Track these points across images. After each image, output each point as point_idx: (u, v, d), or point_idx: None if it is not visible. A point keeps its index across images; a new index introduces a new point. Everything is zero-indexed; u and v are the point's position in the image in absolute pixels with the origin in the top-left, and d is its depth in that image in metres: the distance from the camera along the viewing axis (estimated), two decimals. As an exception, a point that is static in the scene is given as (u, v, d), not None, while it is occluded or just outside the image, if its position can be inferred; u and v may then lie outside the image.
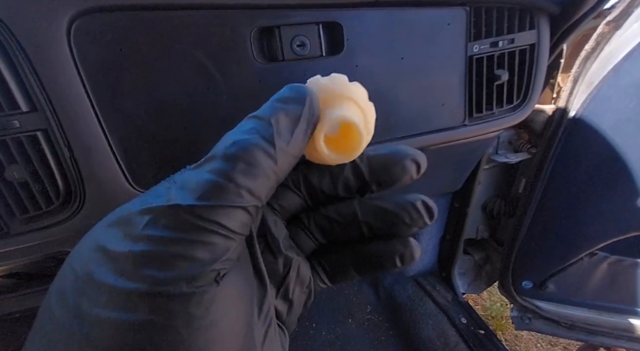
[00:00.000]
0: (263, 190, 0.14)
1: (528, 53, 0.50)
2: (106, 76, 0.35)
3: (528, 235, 0.85)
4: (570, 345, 1.21)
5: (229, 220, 0.13)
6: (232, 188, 0.13)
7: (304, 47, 0.42)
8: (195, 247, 0.12)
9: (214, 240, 0.13)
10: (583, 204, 0.74)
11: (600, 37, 0.63)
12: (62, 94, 0.34)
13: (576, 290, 0.86)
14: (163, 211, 0.13)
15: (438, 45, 0.47)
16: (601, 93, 0.65)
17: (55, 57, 0.33)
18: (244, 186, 0.13)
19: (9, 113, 0.33)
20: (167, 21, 0.36)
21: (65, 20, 0.32)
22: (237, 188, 0.13)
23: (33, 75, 0.33)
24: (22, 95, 0.33)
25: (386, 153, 0.18)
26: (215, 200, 0.13)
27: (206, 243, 0.12)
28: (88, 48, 0.34)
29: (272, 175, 0.14)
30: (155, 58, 0.37)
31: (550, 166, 0.75)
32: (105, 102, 0.35)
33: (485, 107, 0.52)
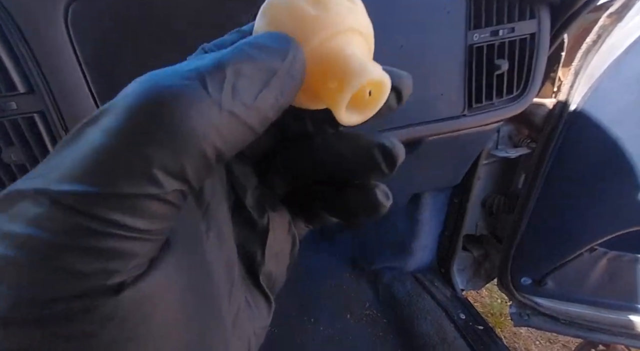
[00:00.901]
0: (193, 168, 0.09)
1: (528, 42, 0.49)
2: (103, 58, 0.35)
3: (527, 231, 0.85)
4: (569, 343, 1.21)
5: (134, 216, 0.09)
6: (138, 165, 0.09)
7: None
8: (80, 258, 0.08)
9: (111, 246, 0.09)
10: (583, 199, 0.74)
11: (601, 30, 0.63)
12: (59, 76, 0.34)
13: (575, 286, 0.86)
14: (35, 198, 0.09)
15: (437, 33, 0.46)
16: (602, 86, 0.65)
17: (52, 40, 0.33)
18: (159, 162, 0.09)
19: (6, 95, 0.33)
20: (164, 5, 0.36)
21: (62, 2, 0.32)
22: (147, 165, 0.09)
23: (30, 57, 0.33)
24: (19, 77, 0.33)
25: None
26: (106, 186, 0.08)
27: (98, 251, 0.08)
28: (85, 30, 0.34)
29: (210, 149, 0.09)
30: (151, 41, 0.36)
31: (550, 161, 0.74)
32: (102, 84, 0.35)
33: (485, 97, 0.51)
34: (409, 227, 1.00)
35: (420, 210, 0.96)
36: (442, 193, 0.94)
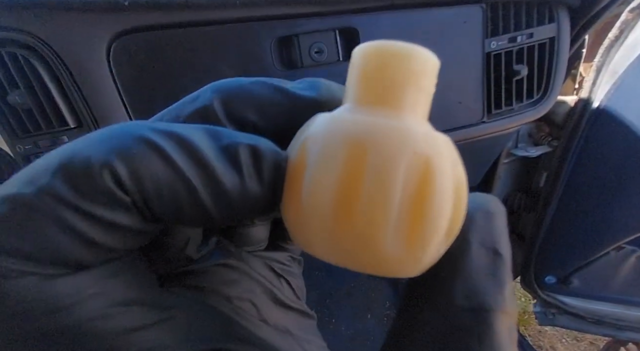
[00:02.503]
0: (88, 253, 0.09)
1: (548, 47, 0.49)
2: (141, 91, 0.38)
3: (550, 230, 0.84)
4: (597, 340, 1.18)
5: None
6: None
7: (322, 54, 0.44)
8: None
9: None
10: (609, 197, 0.72)
11: (624, 25, 0.61)
12: (104, 110, 0.37)
13: (602, 284, 0.84)
14: None
15: (454, 43, 0.47)
16: (626, 82, 0.64)
17: (97, 77, 0.36)
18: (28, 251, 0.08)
19: (59, 130, 0.36)
20: (192, 36, 0.39)
21: (105, 42, 0.35)
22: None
23: (78, 94, 0.36)
24: (69, 112, 0.36)
25: None
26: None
27: None
28: (125, 66, 0.37)
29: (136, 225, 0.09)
30: (183, 72, 0.39)
31: (573, 159, 0.73)
32: (141, 115, 0.38)
33: (505, 103, 0.51)
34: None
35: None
36: (462, 193, 0.93)
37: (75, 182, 0.09)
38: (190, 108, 0.11)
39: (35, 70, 0.35)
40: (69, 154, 0.09)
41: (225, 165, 0.09)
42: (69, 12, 0.34)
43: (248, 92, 0.12)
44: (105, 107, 0.37)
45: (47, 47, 0.34)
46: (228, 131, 0.10)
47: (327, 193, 0.09)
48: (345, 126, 0.09)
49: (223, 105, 0.11)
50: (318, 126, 0.10)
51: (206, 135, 0.10)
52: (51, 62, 0.35)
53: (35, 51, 0.34)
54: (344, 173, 0.09)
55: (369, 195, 0.09)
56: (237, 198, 0.10)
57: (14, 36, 0.33)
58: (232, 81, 0.12)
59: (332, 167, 0.09)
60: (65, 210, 0.09)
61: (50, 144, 0.37)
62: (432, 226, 0.09)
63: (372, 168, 0.09)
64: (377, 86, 0.09)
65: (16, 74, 0.34)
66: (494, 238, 0.11)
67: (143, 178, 0.09)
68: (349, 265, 0.09)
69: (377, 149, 0.09)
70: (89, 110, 0.36)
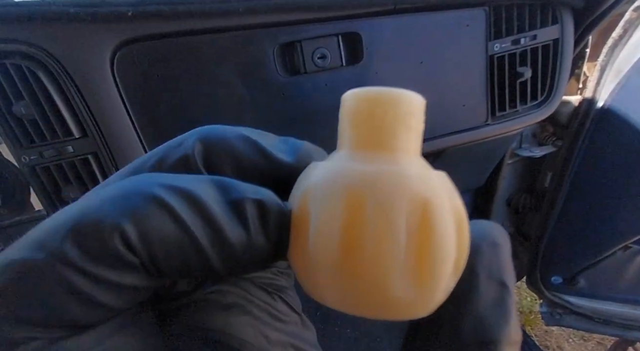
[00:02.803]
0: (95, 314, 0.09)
1: (551, 48, 0.49)
2: (145, 100, 0.38)
3: (556, 230, 0.83)
4: (604, 340, 1.18)
5: None
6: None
7: (325, 59, 0.44)
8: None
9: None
10: (614, 197, 0.72)
11: (628, 24, 0.61)
12: (108, 119, 0.37)
13: (609, 284, 0.84)
14: None
15: (457, 46, 0.47)
16: (631, 82, 0.63)
17: (101, 86, 0.36)
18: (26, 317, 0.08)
19: (64, 140, 0.36)
20: (195, 45, 0.39)
21: (109, 52, 0.35)
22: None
23: (82, 104, 0.36)
24: (74, 123, 0.36)
25: None
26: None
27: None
28: (129, 75, 0.37)
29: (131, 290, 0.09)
30: (186, 79, 0.39)
31: (578, 159, 0.73)
32: (146, 124, 0.38)
33: (509, 105, 0.51)
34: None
35: (444, 212, 0.96)
36: (466, 195, 0.93)
37: (85, 246, 0.09)
38: (174, 156, 0.12)
39: (39, 81, 0.35)
40: (80, 216, 0.09)
41: (232, 221, 0.10)
42: (73, 23, 0.34)
43: (230, 148, 0.12)
44: (110, 116, 0.37)
45: (51, 58, 0.34)
46: (235, 183, 0.10)
47: (332, 244, 0.09)
48: (344, 175, 0.09)
49: (203, 157, 0.12)
50: (318, 176, 0.10)
51: (214, 189, 0.10)
52: (55, 73, 0.35)
53: (39, 62, 0.34)
54: (346, 222, 0.09)
55: (374, 243, 0.09)
56: (243, 253, 0.10)
57: (19, 48, 0.33)
58: (216, 131, 0.12)
59: (334, 217, 0.09)
60: (74, 274, 0.09)
61: (55, 154, 0.37)
62: (439, 265, 0.09)
63: (373, 215, 0.09)
64: (370, 131, 0.10)
65: (21, 85, 0.35)
66: (501, 270, 0.11)
67: (152, 239, 0.09)
68: (360, 312, 0.09)
69: (376, 197, 0.09)
70: (93, 120, 0.36)
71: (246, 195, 0.10)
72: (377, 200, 0.09)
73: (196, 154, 0.11)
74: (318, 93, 0.45)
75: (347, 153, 0.10)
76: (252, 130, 0.13)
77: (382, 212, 0.09)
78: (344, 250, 0.09)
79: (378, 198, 0.09)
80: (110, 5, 0.33)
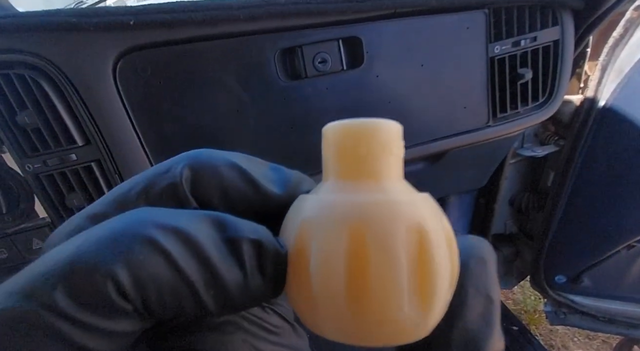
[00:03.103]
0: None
1: (552, 50, 0.49)
2: (147, 107, 0.38)
3: (560, 229, 0.83)
4: (609, 339, 1.17)
5: None
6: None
7: (326, 63, 0.44)
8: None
9: None
10: (618, 196, 0.72)
11: (629, 23, 0.61)
12: (111, 127, 0.37)
13: (614, 283, 0.84)
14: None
15: (457, 49, 0.47)
16: (632, 81, 0.63)
17: (103, 94, 0.36)
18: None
19: (67, 148, 0.37)
20: (197, 51, 0.39)
21: (111, 60, 0.36)
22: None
23: (85, 112, 0.36)
24: (77, 131, 0.37)
25: None
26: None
27: None
28: (131, 83, 0.37)
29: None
30: (188, 86, 0.39)
31: (581, 158, 0.73)
32: (148, 131, 0.39)
33: (510, 107, 0.51)
34: (435, 229, 0.99)
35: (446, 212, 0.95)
36: (468, 195, 0.93)
37: (77, 295, 0.08)
38: (161, 183, 0.11)
39: (42, 90, 0.35)
40: (71, 261, 0.09)
41: (228, 262, 0.09)
42: (75, 32, 0.34)
43: (218, 176, 0.12)
44: (113, 124, 0.37)
45: (54, 67, 0.35)
46: (232, 220, 0.10)
47: (337, 277, 0.09)
48: (340, 208, 0.10)
49: (191, 186, 0.11)
50: (313, 211, 0.10)
51: (210, 227, 0.10)
52: (58, 82, 0.35)
53: (42, 72, 0.35)
54: (349, 255, 0.09)
55: (378, 273, 0.09)
56: (238, 294, 0.10)
57: (22, 58, 0.34)
58: (205, 158, 0.12)
59: (337, 251, 0.09)
60: (65, 324, 0.08)
61: (59, 162, 0.37)
62: (439, 285, 0.10)
63: (374, 246, 0.09)
64: (354, 161, 0.10)
65: (24, 95, 0.35)
66: (488, 285, 0.11)
67: (146, 285, 0.09)
68: (367, 341, 0.10)
69: (375, 228, 0.09)
70: (96, 128, 0.37)
71: (243, 234, 0.10)
72: (376, 231, 0.09)
73: (184, 182, 0.11)
74: (319, 97, 0.45)
75: (335, 184, 0.11)
76: (242, 156, 0.12)
77: (383, 242, 0.09)
78: (350, 282, 0.09)
79: (377, 229, 0.09)
80: (112, 14, 0.34)
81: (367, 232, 0.09)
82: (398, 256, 0.09)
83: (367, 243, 0.09)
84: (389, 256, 0.09)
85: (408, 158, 0.52)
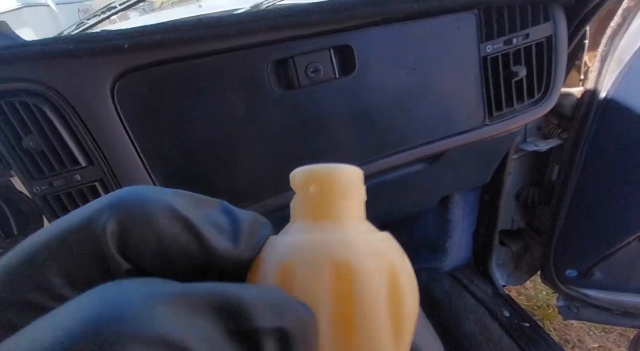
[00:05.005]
0: None
1: (545, 45, 0.48)
2: (146, 125, 0.40)
3: (567, 222, 0.82)
4: (626, 331, 1.15)
5: None
6: None
7: (318, 72, 0.44)
8: None
9: None
10: (624, 187, 0.70)
11: (626, 12, 0.60)
12: (112, 146, 0.39)
13: (626, 275, 0.82)
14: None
15: (449, 50, 0.47)
16: (633, 70, 0.62)
17: (103, 115, 0.38)
18: None
19: (72, 169, 0.38)
20: (191, 68, 0.40)
21: (109, 82, 0.37)
22: None
23: (87, 134, 0.38)
24: (80, 152, 0.38)
25: None
26: None
27: None
28: (129, 103, 0.38)
29: None
30: (185, 102, 0.40)
31: (585, 150, 0.72)
32: (148, 148, 0.40)
33: (506, 104, 0.51)
34: (441, 227, 0.99)
35: (451, 210, 0.95)
36: (473, 192, 0.92)
37: None
38: (81, 239, 0.09)
39: (45, 115, 0.36)
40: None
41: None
42: (73, 59, 0.35)
43: (153, 231, 0.09)
44: (113, 143, 0.38)
45: (55, 93, 0.36)
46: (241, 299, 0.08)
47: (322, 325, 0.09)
48: (318, 252, 0.10)
49: (118, 241, 0.09)
50: (289, 253, 0.10)
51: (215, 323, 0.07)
52: (60, 107, 0.37)
53: (44, 98, 0.36)
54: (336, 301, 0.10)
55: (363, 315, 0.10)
56: None
57: (24, 86, 0.35)
58: (137, 203, 0.09)
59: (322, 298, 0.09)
60: None
61: (64, 184, 0.39)
62: (410, 320, 0.10)
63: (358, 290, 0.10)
64: (320, 204, 0.11)
65: (28, 120, 0.36)
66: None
67: None
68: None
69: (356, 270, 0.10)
70: (97, 149, 0.38)
71: (261, 323, 0.08)
72: (357, 273, 0.10)
73: (109, 238, 0.09)
74: (313, 106, 0.45)
75: (303, 225, 0.11)
76: (185, 196, 0.10)
77: (364, 284, 0.10)
78: (336, 326, 0.10)
79: (358, 271, 0.10)
80: (107, 39, 0.35)
81: (350, 275, 0.10)
82: (379, 298, 0.10)
83: (351, 286, 0.10)
84: (372, 299, 0.10)
85: (408, 160, 0.53)
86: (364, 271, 0.10)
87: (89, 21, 0.75)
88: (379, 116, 0.48)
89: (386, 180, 0.57)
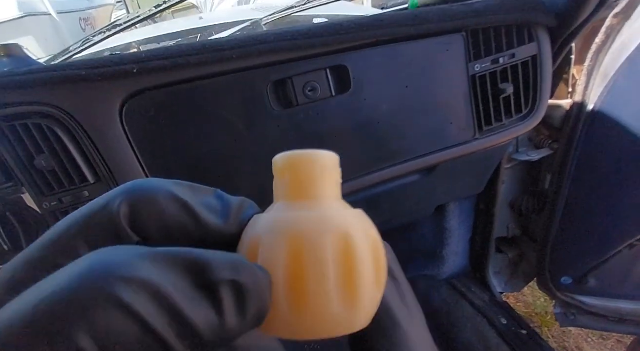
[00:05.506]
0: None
1: (531, 64, 0.51)
2: (152, 143, 0.42)
3: (561, 230, 0.84)
4: (624, 338, 1.15)
5: None
6: None
7: (315, 91, 0.47)
8: None
9: None
10: (614, 196, 0.72)
11: (609, 30, 0.63)
12: (119, 164, 0.41)
13: (620, 282, 0.84)
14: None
15: (439, 69, 0.49)
16: (618, 85, 0.64)
17: (112, 135, 0.40)
18: None
19: (80, 186, 0.40)
20: (195, 90, 0.42)
21: (118, 104, 0.39)
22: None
23: (96, 153, 0.40)
24: (88, 170, 0.40)
25: None
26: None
27: None
28: (136, 124, 0.40)
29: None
30: (188, 122, 0.43)
31: (575, 161, 0.74)
32: (153, 165, 0.42)
33: (495, 119, 0.53)
34: (437, 235, 1.01)
35: (447, 219, 0.97)
36: (468, 201, 0.94)
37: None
38: (99, 221, 0.11)
39: (57, 136, 0.39)
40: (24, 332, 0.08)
41: (204, 311, 0.09)
42: (84, 83, 0.38)
43: (157, 209, 0.12)
44: (121, 162, 0.40)
45: (66, 115, 0.38)
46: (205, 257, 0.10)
47: (278, 284, 0.11)
48: (281, 225, 0.11)
49: (130, 221, 0.11)
50: (260, 228, 0.12)
51: (182, 272, 0.09)
52: (71, 128, 0.39)
53: (56, 120, 0.38)
54: (288, 262, 0.11)
55: (310, 275, 0.11)
56: (216, 339, 0.09)
57: (38, 109, 0.37)
58: (144, 190, 0.12)
59: (278, 261, 0.11)
60: None
61: (73, 200, 0.40)
62: (362, 284, 0.11)
63: (308, 255, 0.11)
64: (297, 185, 0.13)
65: (41, 141, 0.38)
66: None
67: (112, 348, 0.08)
68: (309, 335, 0.11)
69: (308, 239, 0.11)
70: (106, 166, 0.40)
71: (219, 276, 0.09)
72: (309, 240, 0.11)
73: (122, 217, 0.11)
74: (310, 123, 0.48)
75: (282, 205, 0.13)
76: (184, 185, 0.12)
77: (315, 250, 0.11)
78: (289, 286, 0.11)
79: (310, 238, 0.11)
80: (117, 64, 0.37)
81: (302, 242, 0.11)
82: (326, 261, 0.11)
83: (302, 251, 0.11)
84: (319, 261, 0.11)
85: (403, 173, 0.55)
86: (316, 240, 0.11)
87: (94, 38, 0.78)
88: (374, 131, 0.50)
89: (383, 191, 0.59)
